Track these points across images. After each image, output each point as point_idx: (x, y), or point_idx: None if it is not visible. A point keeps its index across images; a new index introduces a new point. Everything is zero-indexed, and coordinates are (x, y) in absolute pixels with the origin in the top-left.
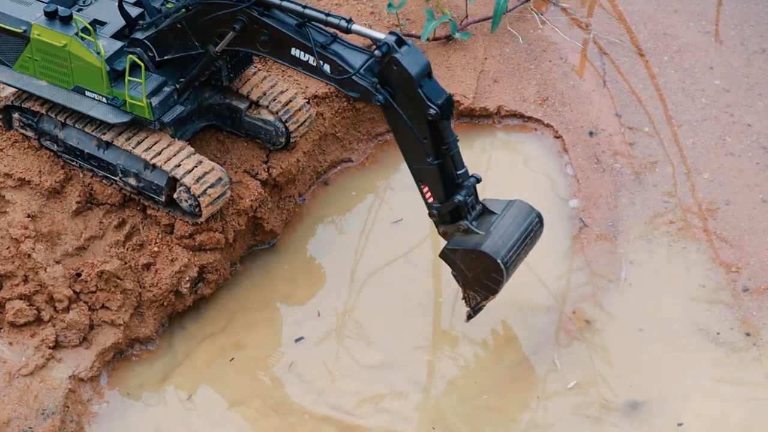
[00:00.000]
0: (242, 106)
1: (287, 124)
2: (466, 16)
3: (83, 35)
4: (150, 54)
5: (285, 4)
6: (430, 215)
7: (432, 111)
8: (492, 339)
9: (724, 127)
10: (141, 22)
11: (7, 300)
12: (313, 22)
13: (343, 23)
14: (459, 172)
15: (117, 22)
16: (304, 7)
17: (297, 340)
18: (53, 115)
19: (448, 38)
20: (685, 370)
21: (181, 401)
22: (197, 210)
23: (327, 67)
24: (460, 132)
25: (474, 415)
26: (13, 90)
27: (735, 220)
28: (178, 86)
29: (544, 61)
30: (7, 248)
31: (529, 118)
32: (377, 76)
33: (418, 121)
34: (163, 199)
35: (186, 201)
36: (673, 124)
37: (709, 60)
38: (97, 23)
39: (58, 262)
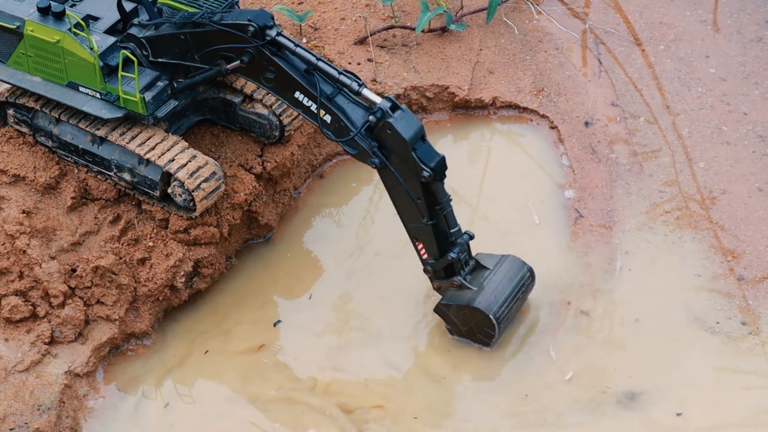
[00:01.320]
0: (236, 99)
1: (281, 118)
2: (461, 8)
3: (76, 31)
4: (144, 53)
5: (299, 50)
6: (425, 271)
7: (426, 173)
8: None
9: (720, 116)
10: (139, 19)
11: (3, 296)
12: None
13: (355, 86)
14: (452, 231)
15: (110, 18)
16: (318, 59)
17: (275, 324)
18: (48, 111)
19: (443, 30)
20: (681, 360)
21: (180, 395)
22: (191, 204)
23: (328, 118)
24: (455, 124)
25: (466, 407)
26: (8, 86)
27: (731, 209)
28: (175, 85)
29: (540, 51)
30: (2, 244)
31: (525, 109)
32: (375, 139)
33: (412, 182)
34: (157, 194)
35: (180, 196)
36: (670, 114)
37: (705, 49)
38: (90, 18)
39: (53, 258)
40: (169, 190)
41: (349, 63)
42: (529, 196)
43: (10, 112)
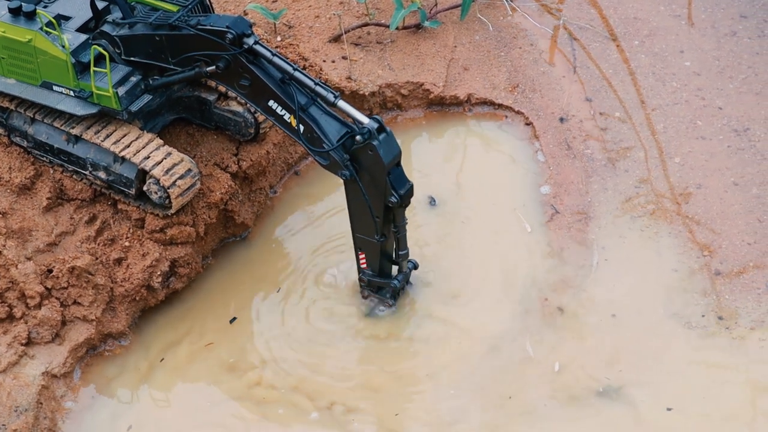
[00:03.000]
0: (211, 97)
1: (256, 115)
2: (435, 4)
3: (48, 29)
4: (117, 51)
5: (276, 60)
6: (360, 280)
7: (393, 199)
8: (464, 328)
9: (695, 111)
10: (113, 18)
11: None
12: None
13: (331, 97)
14: (401, 253)
15: (82, 17)
16: (295, 68)
17: (231, 321)
18: (22, 111)
19: (418, 27)
20: (659, 355)
21: (155, 400)
22: (167, 202)
23: (300, 128)
24: (430, 121)
25: (444, 409)
26: None
27: (707, 203)
28: (151, 82)
29: (514, 47)
30: None
31: (500, 106)
32: (349, 152)
33: (376, 200)
34: (133, 191)
35: (156, 193)
36: (645, 109)
37: (679, 44)
38: (61, 18)
39: (29, 259)
40: (145, 188)
41: (324, 61)
42: (506, 194)
43: None
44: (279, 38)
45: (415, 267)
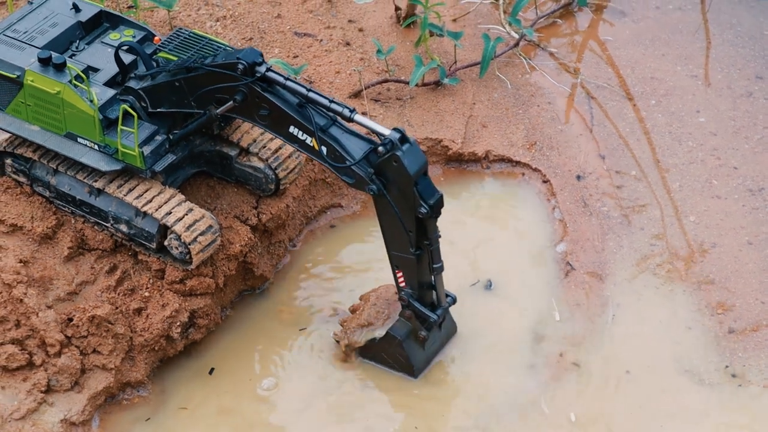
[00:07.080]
0: (232, 153)
1: (277, 171)
2: (455, 62)
3: (76, 83)
4: (143, 104)
5: (289, 84)
6: (400, 299)
7: (423, 210)
8: (478, 382)
9: (710, 170)
10: (136, 72)
11: (0, 345)
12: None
13: (347, 112)
14: (435, 266)
15: (110, 69)
16: (308, 90)
17: (210, 372)
18: (45, 162)
19: (437, 84)
20: (672, 412)
21: None
22: (188, 257)
23: (324, 149)
24: (448, 177)
25: None
26: (6, 136)
27: (721, 262)
28: (171, 136)
29: (533, 105)
30: (0, 293)
31: (518, 163)
32: (374, 166)
33: (406, 214)
34: (154, 246)
35: (177, 248)
36: (661, 168)
37: (696, 103)
38: (90, 70)
39: (50, 307)
40: (166, 243)
41: None
42: (521, 251)
43: (8, 161)
44: None
45: (455, 301)
